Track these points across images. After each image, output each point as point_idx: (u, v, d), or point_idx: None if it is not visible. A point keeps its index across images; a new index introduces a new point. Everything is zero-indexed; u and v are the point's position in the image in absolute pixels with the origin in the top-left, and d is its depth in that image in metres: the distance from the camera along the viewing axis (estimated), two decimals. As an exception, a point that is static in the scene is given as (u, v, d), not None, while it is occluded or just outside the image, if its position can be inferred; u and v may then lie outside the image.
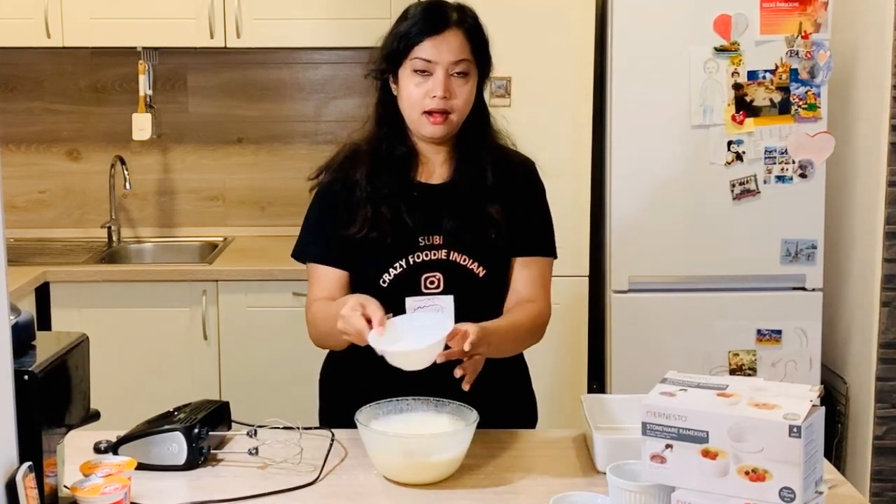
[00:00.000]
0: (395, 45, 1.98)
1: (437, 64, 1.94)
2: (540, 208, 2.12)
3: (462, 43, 1.96)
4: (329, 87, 4.05)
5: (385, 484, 1.78)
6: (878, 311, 3.24)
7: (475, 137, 2.04)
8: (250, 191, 4.08)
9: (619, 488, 1.57)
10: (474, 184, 2.01)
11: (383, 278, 1.99)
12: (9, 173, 3.98)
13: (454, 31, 1.96)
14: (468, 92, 1.98)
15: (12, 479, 1.42)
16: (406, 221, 1.99)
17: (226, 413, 1.98)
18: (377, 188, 2.00)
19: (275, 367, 3.46)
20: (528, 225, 2.08)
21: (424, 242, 2.00)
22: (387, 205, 1.99)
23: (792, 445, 1.40)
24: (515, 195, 2.06)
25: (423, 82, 1.95)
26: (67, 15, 3.59)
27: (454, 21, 1.97)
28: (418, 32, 1.96)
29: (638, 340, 3.36)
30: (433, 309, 1.98)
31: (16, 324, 1.51)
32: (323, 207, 2.07)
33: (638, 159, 3.31)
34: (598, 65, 3.44)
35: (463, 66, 1.96)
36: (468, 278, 2.00)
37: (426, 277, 1.99)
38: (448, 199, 2.02)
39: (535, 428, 2.17)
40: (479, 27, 2.02)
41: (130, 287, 3.48)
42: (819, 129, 3.26)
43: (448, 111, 1.96)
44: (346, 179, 2.03)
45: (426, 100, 1.95)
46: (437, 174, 2.06)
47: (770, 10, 3.21)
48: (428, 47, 1.94)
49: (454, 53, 1.95)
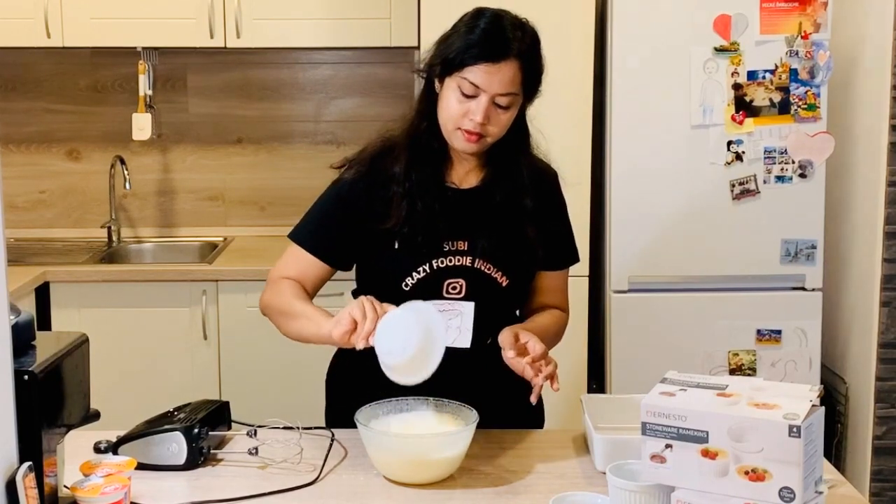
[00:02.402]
0: (451, 56, 1.92)
1: (484, 91, 1.89)
2: (565, 220, 2.15)
3: (515, 75, 1.90)
4: (329, 87, 4.05)
5: (385, 484, 1.78)
6: (878, 311, 3.24)
7: (511, 149, 2.01)
8: (250, 191, 4.08)
9: (619, 488, 1.57)
10: (506, 194, 2.00)
11: (406, 282, 1.98)
12: (9, 173, 3.98)
13: (511, 63, 1.89)
14: (507, 120, 1.94)
15: (12, 478, 1.42)
16: (437, 221, 1.97)
17: (226, 413, 1.98)
18: (413, 182, 1.97)
19: (275, 367, 3.46)
20: (557, 238, 2.11)
21: (449, 247, 1.98)
22: (421, 201, 1.97)
23: (792, 445, 1.40)
24: (543, 208, 2.06)
25: (466, 101, 1.91)
26: (67, 15, 3.59)
27: (513, 52, 1.89)
28: (475, 56, 1.88)
29: (638, 340, 3.36)
30: (454, 314, 1.97)
31: (16, 324, 1.51)
32: (338, 203, 2.03)
33: (638, 159, 3.31)
34: (598, 65, 3.44)
35: (508, 100, 1.91)
36: (491, 287, 2.00)
37: (449, 283, 1.98)
38: (478, 206, 2.00)
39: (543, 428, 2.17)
40: (537, 56, 1.96)
41: (130, 287, 3.48)
42: (819, 129, 3.26)
43: (483, 134, 1.93)
44: (377, 175, 2.00)
45: (464, 119, 1.91)
46: (469, 178, 2.04)
47: (770, 10, 3.21)
48: (480, 73, 1.88)
49: (504, 86, 1.89)
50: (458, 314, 1.97)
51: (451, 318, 1.97)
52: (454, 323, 1.97)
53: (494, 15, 1.95)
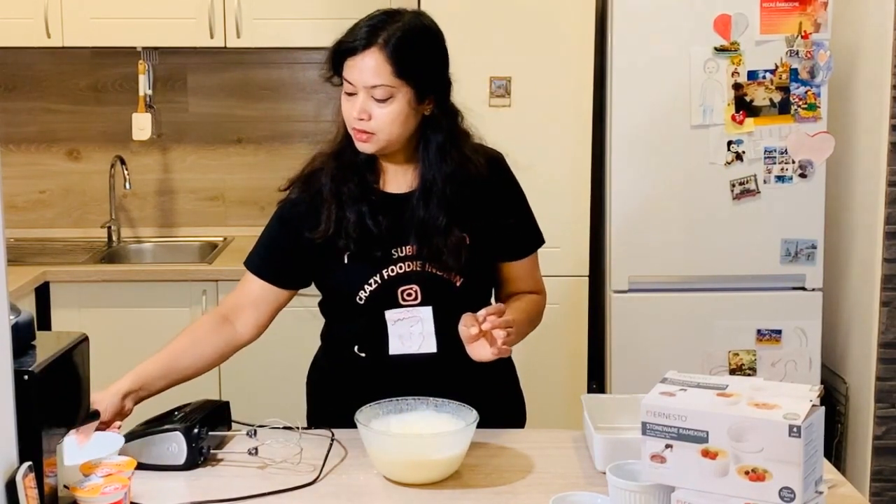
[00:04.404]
0: (332, 57, 1.93)
1: (356, 86, 1.89)
2: (520, 204, 2.08)
3: (379, 66, 1.86)
4: (329, 87, 3.97)
5: (385, 484, 1.78)
6: (878, 311, 3.24)
7: (436, 146, 1.96)
8: (250, 191, 4.08)
9: (619, 488, 1.57)
10: (439, 200, 1.95)
11: (359, 295, 1.97)
12: (9, 173, 3.98)
13: (371, 53, 1.86)
14: (389, 115, 1.89)
15: (12, 478, 1.42)
16: (370, 227, 1.95)
17: (226, 413, 1.98)
18: (340, 191, 1.97)
19: (275, 367, 3.46)
20: (515, 228, 2.06)
21: (398, 254, 1.97)
22: (350, 208, 1.96)
23: (792, 445, 1.40)
24: (492, 198, 2.01)
25: (350, 100, 1.91)
26: (67, 15, 3.59)
27: (374, 42, 1.86)
28: (341, 53, 1.90)
29: (638, 340, 3.36)
30: (413, 321, 1.97)
31: (16, 324, 1.51)
32: (281, 225, 2.06)
33: (638, 159, 3.31)
34: (598, 65, 3.44)
35: (379, 92, 1.87)
36: (445, 289, 1.98)
37: (403, 290, 1.97)
38: (413, 209, 1.96)
39: (524, 426, 2.17)
40: (408, 45, 1.88)
41: (130, 287, 3.48)
42: (819, 128, 3.26)
43: (370, 132, 1.91)
44: (310, 190, 2.01)
45: (351, 118, 1.92)
46: (400, 183, 2.01)
47: (770, 10, 3.21)
48: (349, 69, 1.89)
49: (371, 78, 1.86)
50: (419, 320, 1.97)
51: (412, 326, 1.97)
52: (416, 330, 1.97)
53: (375, 12, 1.94)
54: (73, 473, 1.61)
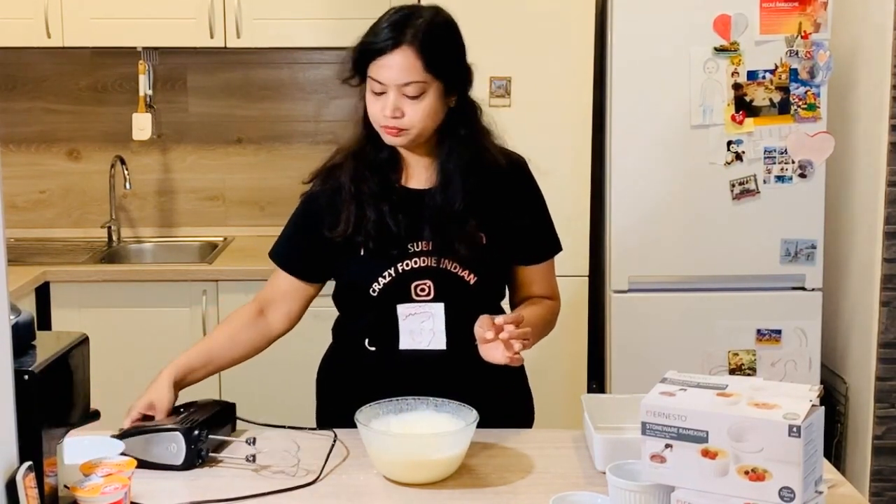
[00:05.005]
0: (355, 60, 1.93)
1: (387, 85, 1.89)
2: (541, 209, 2.10)
3: (411, 63, 1.87)
4: (329, 87, 4.05)
5: (385, 484, 1.78)
6: (878, 311, 3.24)
7: (457, 142, 1.98)
8: (250, 191, 4.08)
9: (619, 488, 1.57)
10: (457, 190, 1.96)
11: (373, 287, 1.98)
12: (9, 173, 3.98)
13: (403, 51, 1.87)
14: (423, 110, 1.90)
15: (12, 478, 1.42)
16: (389, 225, 1.96)
17: (231, 414, 1.98)
18: (360, 190, 1.98)
19: (275, 367, 3.45)
20: (533, 232, 2.07)
21: (414, 249, 1.98)
22: (371, 207, 1.97)
23: (792, 445, 1.40)
24: (512, 199, 2.03)
25: (379, 99, 1.91)
26: (67, 15, 3.59)
27: (404, 40, 1.87)
28: (369, 53, 1.90)
29: (638, 340, 3.36)
30: (425, 316, 1.97)
31: (16, 324, 1.51)
32: (304, 215, 2.07)
33: (638, 159, 3.31)
34: (598, 65, 3.44)
35: (412, 89, 1.88)
36: (459, 286, 1.98)
37: (416, 285, 1.98)
38: (432, 205, 1.98)
39: (532, 427, 2.17)
40: (435, 39, 1.90)
41: (130, 287, 3.48)
42: (819, 129, 3.26)
43: (402, 128, 1.92)
44: (332, 184, 2.02)
45: (381, 116, 1.92)
46: (422, 179, 2.02)
47: (770, 10, 3.21)
48: (377, 69, 1.89)
49: (403, 76, 1.87)
50: (430, 316, 1.97)
51: (423, 321, 1.98)
52: (427, 325, 1.98)
53: (392, 9, 1.96)
54: (73, 473, 1.61)
